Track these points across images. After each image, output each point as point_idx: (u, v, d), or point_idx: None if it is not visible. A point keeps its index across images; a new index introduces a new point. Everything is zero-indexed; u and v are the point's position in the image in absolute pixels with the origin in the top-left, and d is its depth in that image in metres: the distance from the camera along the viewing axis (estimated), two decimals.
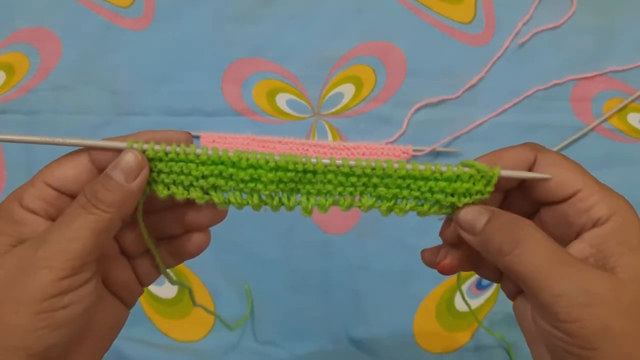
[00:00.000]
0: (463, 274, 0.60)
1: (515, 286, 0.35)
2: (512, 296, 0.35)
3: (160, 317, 0.59)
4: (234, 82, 0.64)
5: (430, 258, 0.36)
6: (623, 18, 0.66)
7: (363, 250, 0.60)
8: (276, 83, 0.64)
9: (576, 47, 0.65)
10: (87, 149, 0.32)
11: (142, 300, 0.59)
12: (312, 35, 0.65)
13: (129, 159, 0.31)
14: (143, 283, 0.37)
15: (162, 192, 0.32)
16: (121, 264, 0.35)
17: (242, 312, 0.59)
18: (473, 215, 0.32)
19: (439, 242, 0.60)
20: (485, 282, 0.59)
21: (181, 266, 0.59)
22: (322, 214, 0.33)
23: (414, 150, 0.62)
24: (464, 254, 0.35)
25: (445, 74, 0.64)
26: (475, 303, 0.59)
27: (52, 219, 0.31)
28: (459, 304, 0.59)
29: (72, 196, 0.31)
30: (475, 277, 0.59)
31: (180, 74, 0.64)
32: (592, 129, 0.63)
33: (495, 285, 0.59)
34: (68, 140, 0.31)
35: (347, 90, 0.64)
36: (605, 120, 0.63)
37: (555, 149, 0.63)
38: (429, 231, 0.38)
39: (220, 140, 0.61)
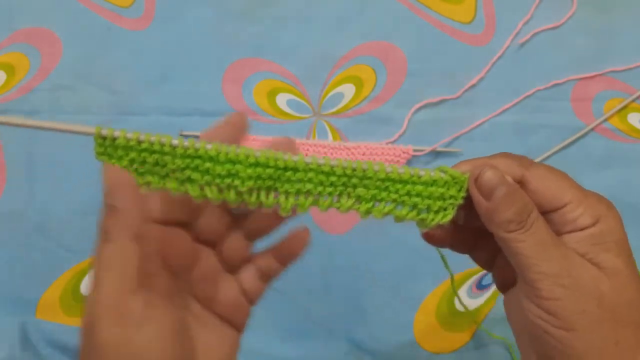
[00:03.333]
0: (462, 274, 0.60)
1: (506, 276, 0.36)
2: (503, 288, 0.36)
3: None
4: (234, 82, 0.64)
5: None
6: (623, 18, 0.66)
7: (363, 250, 0.60)
8: (276, 83, 0.64)
9: (576, 47, 0.65)
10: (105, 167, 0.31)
11: None
12: (312, 35, 0.65)
13: (106, 178, 0.30)
14: (251, 300, 0.36)
15: (138, 180, 0.31)
16: (225, 282, 0.35)
17: None
18: (496, 181, 0.32)
19: None
20: (485, 281, 0.59)
21: None
22: (302, 213, 0.32)
23: (415, 150, 0.62)
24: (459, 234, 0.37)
25: (445, 74, 0.64)
26: (475, 303, 0.59)
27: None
28: (459, 304, 0.59)
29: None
30: (475, 276, 0.59)
31: (180, 74, 0.64)
32: (592, 129, 0.63)
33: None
34: (38, 124, 0.30)
35: (348, 90, 0.64)
36: (605, 120, 0.63)
37: (555, 149, 0.63)
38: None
39: None
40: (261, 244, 0.36)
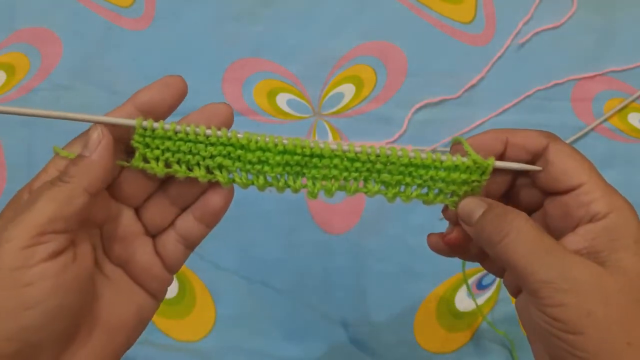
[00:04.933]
0: (466, 272, 0.60)
1: (517, 282, 0.35)
2: (514, 293, 0.36)
3: (160, 316, 0.59)
4: (234, 82, 0.64)
5: (436, 240, 0.37)
6: (624, 18, 0.66)
7: (363, 250, 0.60)
8: (276, 83, 0.64)
9: (576, 47, 0.65)
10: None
11: None
12: (312, 35, 0.65)
13: (93, 135, 0.31)
14: (170, 267, 0.35)
15: (161, 170, 0.33)
16: (142, 245, 0.35)
17: (242, 312, 0.59)
18: (470, 207, 0.33)
19: None
20: (485, 282, 0.59)
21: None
22: (329, 198, 0.33)
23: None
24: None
25: (445, 74, 0.64)
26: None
27: None
28: (460, 304, 0.59)
29: None
30: (475, 277, 0.59)
31: (180, 74, 0.64)
32: (592, 129, 0.63)
33: (495, 285, 0.59)
34: (79, 116, 0.32)
35: (348, 90, 0.64)
36: (605, 120, 0.63)
37: None
38: (430, 231, 0.38)
39: None
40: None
